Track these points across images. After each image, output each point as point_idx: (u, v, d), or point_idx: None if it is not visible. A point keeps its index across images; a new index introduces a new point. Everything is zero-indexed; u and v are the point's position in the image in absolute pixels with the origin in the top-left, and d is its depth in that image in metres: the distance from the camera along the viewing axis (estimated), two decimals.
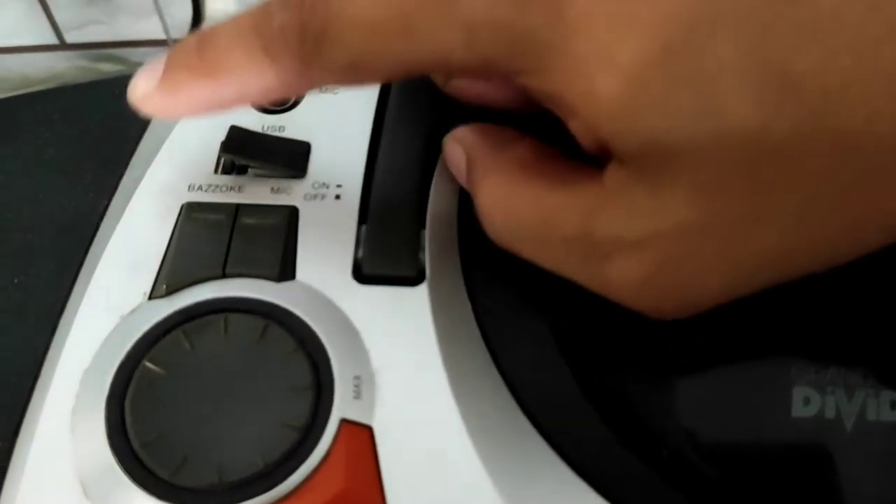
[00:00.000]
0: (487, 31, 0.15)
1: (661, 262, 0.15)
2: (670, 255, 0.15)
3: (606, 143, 0.15)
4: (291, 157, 0.22)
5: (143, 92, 0.19)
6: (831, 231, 0.14)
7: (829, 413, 0.19)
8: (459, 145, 0.20)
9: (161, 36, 0.52)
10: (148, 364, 0.19)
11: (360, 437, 0.18)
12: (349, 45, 0.16)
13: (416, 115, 0.23)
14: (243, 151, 0.21)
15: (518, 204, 0.17)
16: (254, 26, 0.18)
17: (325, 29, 0.16)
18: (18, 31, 0.50)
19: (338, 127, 0.23)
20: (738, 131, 0.13)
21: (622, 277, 0.16)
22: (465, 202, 0.22)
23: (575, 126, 0.16)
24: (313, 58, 0.17)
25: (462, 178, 0.20)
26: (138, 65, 0.20)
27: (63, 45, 0.52)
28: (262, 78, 0.18)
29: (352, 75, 0.17)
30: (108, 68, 0.51)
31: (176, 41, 0.52)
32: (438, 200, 0.22)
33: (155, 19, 0.51)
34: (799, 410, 0.19)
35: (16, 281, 0.22)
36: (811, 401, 0.19)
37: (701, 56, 0.13)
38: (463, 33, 0.15)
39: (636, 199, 0.15)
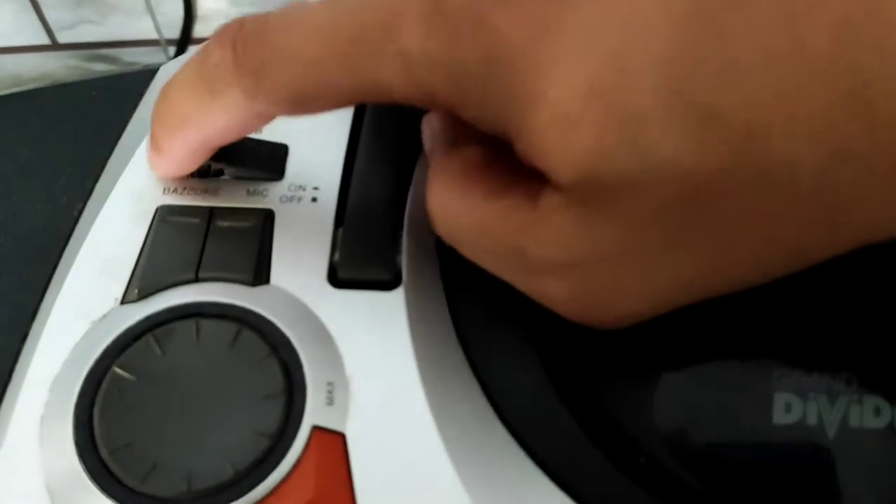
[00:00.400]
0: (423, 66, 0.15)
1: (584, 286, 0.16)
2: (592, 280, 0.16)
3: (543, 173, 0.15)
4: (269, 160, 0.22)
5: (148, 159, 0.21)
6: (745, 260, 0.15)
7: (811, 419, 0.19)
8: (428, 131, 0.20)
9: (153, 35, 0.52)
10: (117, 370, 0.19)
11: (333, 444, 0.18)
12: (287, 81, 0.17)
13: (395, 117, 0.23)
14: (221, 155, 0.21)
15: (457, 209, 0.17)
16: (196, 71, 0.19)
17: (261, 66, 0.17)
18: (10, 32, 0.50)
19: (315, 129, 0.23)
20: (665, 168, 0.14)
21: (551, 292, 0.17)
22: None
23: (518, 151, 0.16)
24: (255, 91, 0.17)
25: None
26: (130, 64, 0.20)
27: (55, 46, 0.52)
28: (215, 118, 0.19)
29: (298, 108, 0.18)
30: (101, 68, 0.51)
31: (168, 41, 0.52)
32: (416, 203, 0.22)
33: (147, 19, 0.51)
34: (780, 417, 0.18)
35: None
36: (793, 407, 0.19)
37: (629, 96, 0.13)
38: (401, 68, 0.16)
39: (565, 226, 0.15)
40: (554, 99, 0.14)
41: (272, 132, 0.23)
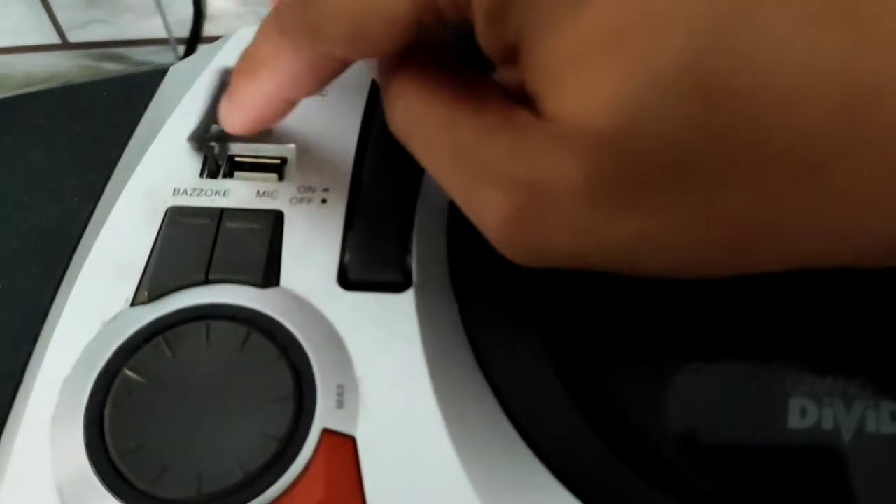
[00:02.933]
0: None
1: (524, 207, 0.15)
2: (535, 205, 0.15)
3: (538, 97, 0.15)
4: None
5: (222, 113, 0.20)
6: (706, 240, 0.14)
7: (827, 424, 0.18)
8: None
9: (163, 35, 0.52)
10: (128, 372, 0.18)
11: (343, 447, 0.18)
12: (344, 10, 0.17)
13: None
14: (216, 137, 0.20)
15: (426, 95, 0.17)
16: (272, 15, 0.19)
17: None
18: (21, 31, 0.50)
19: (325, 130, 0.23)
20: (655, 126, 0.13)
21: (487, 206, 0.16)
22: (454, 207, 0.22)
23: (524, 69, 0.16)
24: (317, 25, 0.17)
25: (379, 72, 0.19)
26: (141, 64, 0.19)
27: (66, 45, 0.52)
28: (286, 60, 0.18)
29: (358, 44, 0.17)
30: (111, 67, 0.51)
31: (178, 40, 0.52)
32: (426, 205, 0.21)
33: (157, 18, 0.51)
34: (795, 422, 0.18)
35: (0, 286, 0.21)
36: (808, 412, 0.18)
37: (645, 45, 0.13)
38: None
39: (534, 140, 0.15)
40: (586, 26, 0.14)
41: (283, 135, 0.23)
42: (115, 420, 0.18)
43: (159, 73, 0.25)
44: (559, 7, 0.14)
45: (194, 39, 0.50)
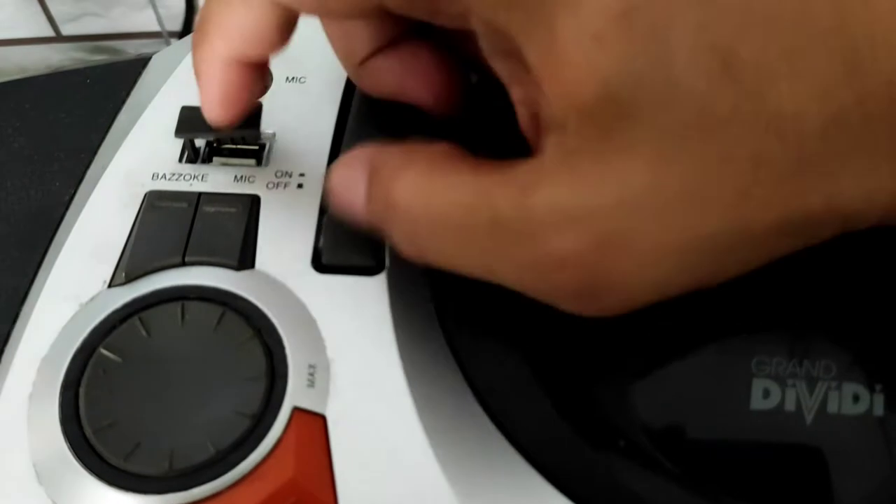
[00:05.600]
0: None
1: (600, 239, 0.15)
2: (613, 230, 0.15)
3: (555, 103, 0.15)
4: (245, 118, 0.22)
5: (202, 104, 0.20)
6: (771, 219, 0.14)
7: (790, 406, 0.19)
8: (356, 160, 0.19)
9: (155, 28, 0.52)
10: (103, 351, 0.19)
11: (313, 425, 0.18)
12: None
13: (381, 105, 0.23)
14: (196, 127, 0.21)
15: (442, 189, 0.16)
16: None
17: None
18: (15, 24, 0.51)
19: (302, 116, 0.23)
20: (689, 94, 0.14)
21: (554, 260, 0.15)
22: None
23: (521, 91, 0.16)
24: None
25: (359, 200, 0.18)
26: (134, 58, 0.20)
27: (59, 38, 0.53)
28: (238, 16, 0.18)
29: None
30: (104, 60, 0.51)
31: (170, 33, 0.52)
32: None
33: (149, 11, 0.51)
34: (758, 403, 0.19)
35: None
36: (771, 393, 0.19)
37: (659, 21, 0.14)
38: None
39: (582, 166, 0.14)
40: (587, 11, 0.14)
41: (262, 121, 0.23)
42: (90, 398, 0.18)
43: (142, 62, 0.25)
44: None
45: (186, 32, 0.50)
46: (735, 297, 0.19)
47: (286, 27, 0.19)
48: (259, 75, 0.20)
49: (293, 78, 0.24)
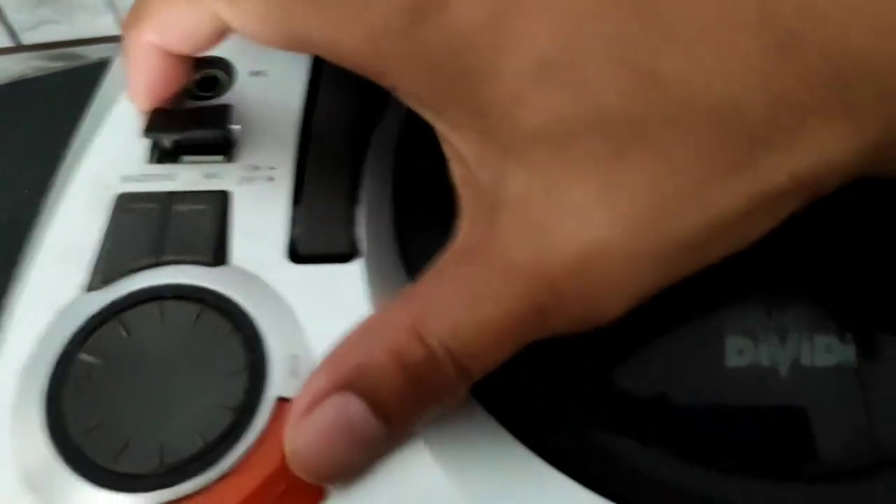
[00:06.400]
0: (388, 39, 0.17)
1: (576, 274, 0.15)
2: (584, 265, 0.15)
3: (493, 161, 0.16)
4: (213, 115, 0.22)
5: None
6: (740, 205, 0.15)
7: (764, 361, 0.19)
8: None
9: (117, 32, 0.52)
10: (84, 355, 0.19)
11: None
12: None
13: (348, 94, 0.23)
14: (164, 126, 0.21)
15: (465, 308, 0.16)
16: None
17: None
18: None
19: (268, 109, 0.23)
20: (619, 113, 0.15)
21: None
22: (399, 177, 0.22)
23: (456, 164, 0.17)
24: None
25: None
26: (95, 61, 0.20)
27: (19, 48, 0.52)
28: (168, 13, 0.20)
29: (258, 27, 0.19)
30: (64, 66, 0.51)
31: None
32: (372, 176, 0.22)
33: (109, 16, 0.50)
34: (733, 360, 0.19)
35: None
36: (745, 350, 0.19)
37: (575, 64, 0.15)
38: (364, 35, 0.17)
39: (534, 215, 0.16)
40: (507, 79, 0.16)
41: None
42: (74, 402, 0.18)
43: (102, 65, 0.25)
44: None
45: None
46: None
47: (221, 35, 0.20)
48: (185, 66, 0.22)
49: (256, 72, 0.24)
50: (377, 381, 0.16)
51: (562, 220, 0.15)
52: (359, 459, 0.17)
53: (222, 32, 0.20)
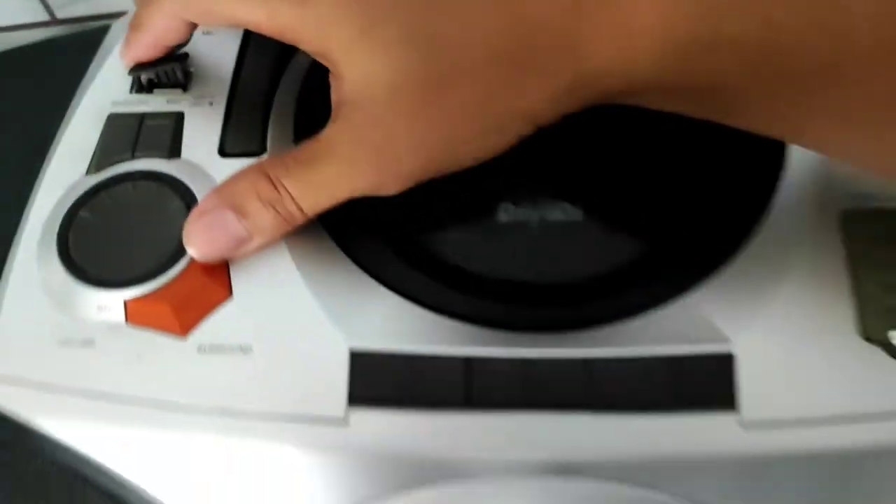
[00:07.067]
0: (285, 16, 0.26)
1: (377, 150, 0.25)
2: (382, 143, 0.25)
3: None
4: (176, 60, 0.32)
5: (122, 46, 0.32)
6: (483, 126, 0.25)
7: (522, 218, 0.29)
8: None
9: None
10: (83, 213, 0.29)
11: None
12: None
13: (268, 47, 0.33)
14: (142, 67, 0.31)
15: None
16: None
17: None
18: (11, 11, 0.60)
19: (214, 57, 0.33)
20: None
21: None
22: (299, 103, 0.32)
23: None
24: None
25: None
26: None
27: (55, 21, 0.61)
28: (159, 20, 0.29)
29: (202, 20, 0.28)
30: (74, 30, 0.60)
31: None
32: (280, 103, 0.32)
33: None
34: (501, 218, 0.29)
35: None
36: (509, 211, 0.29)
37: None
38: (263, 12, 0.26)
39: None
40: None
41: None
42: (77, 240, 0.29)
43: (103, 30, 0.36)
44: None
45: None
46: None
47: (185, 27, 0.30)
48: (189, 31, 0.30)
49: (207, 32, 0.34)
50: (243, 202, 0.26)
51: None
52: (233, 250, 0.27)
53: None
